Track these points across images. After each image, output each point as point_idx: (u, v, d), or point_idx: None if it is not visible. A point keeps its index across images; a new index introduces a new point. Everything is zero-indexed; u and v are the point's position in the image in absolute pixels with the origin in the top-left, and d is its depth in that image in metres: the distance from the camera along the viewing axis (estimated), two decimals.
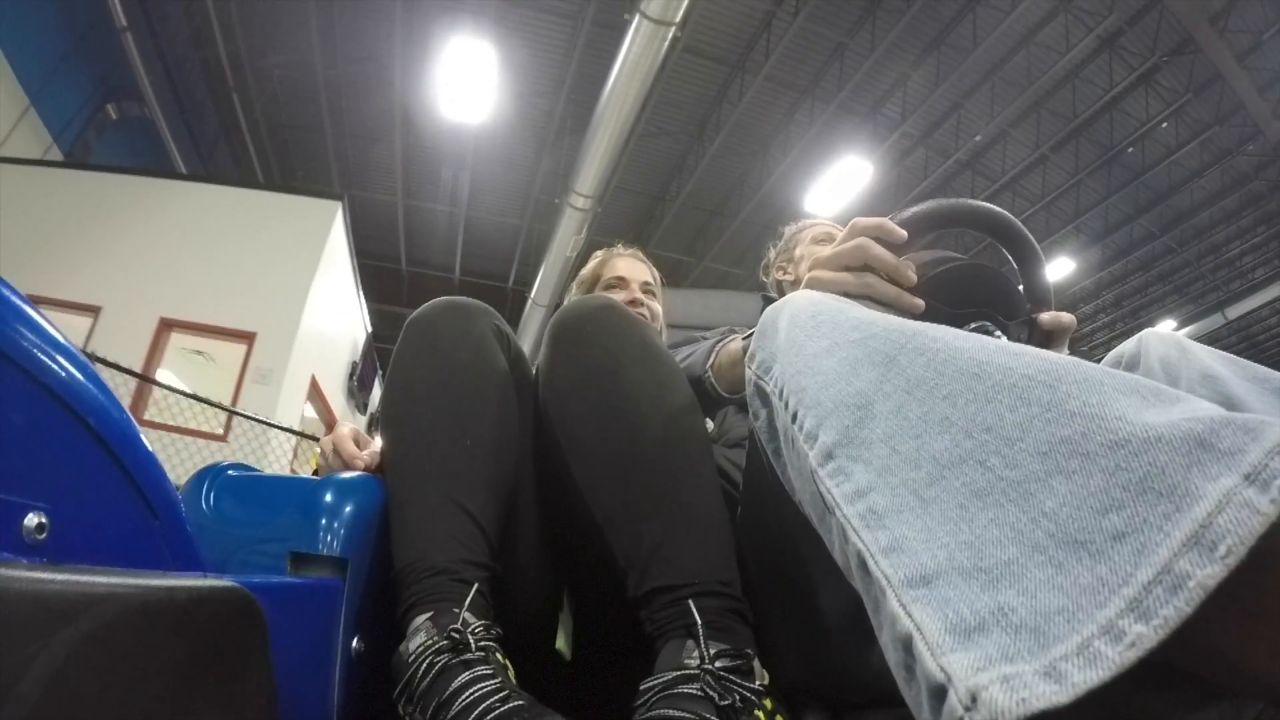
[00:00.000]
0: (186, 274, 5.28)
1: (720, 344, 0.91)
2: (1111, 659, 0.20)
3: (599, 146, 5.33)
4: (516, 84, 5.78)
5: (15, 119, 4.87)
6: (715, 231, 8.47)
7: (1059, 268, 7.94)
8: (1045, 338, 0.60)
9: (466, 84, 5.37)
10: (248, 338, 5.31)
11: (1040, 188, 7.10)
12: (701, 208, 8.04)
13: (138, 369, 4.59)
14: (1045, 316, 0.59)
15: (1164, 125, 6.10)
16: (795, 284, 1.27)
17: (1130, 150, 6.52)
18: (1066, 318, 0.59)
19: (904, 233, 0.54)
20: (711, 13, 4.74)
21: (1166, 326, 8.00)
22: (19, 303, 0.34)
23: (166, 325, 5.19)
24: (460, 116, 5.89)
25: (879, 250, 0.53)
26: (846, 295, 0.53)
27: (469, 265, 9.22)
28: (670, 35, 4.41)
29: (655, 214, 8.16)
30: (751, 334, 0.84)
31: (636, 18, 4.34)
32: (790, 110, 6.78)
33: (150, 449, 0.40)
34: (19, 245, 4.85)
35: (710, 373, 0.89)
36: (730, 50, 5.79)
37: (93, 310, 5.12)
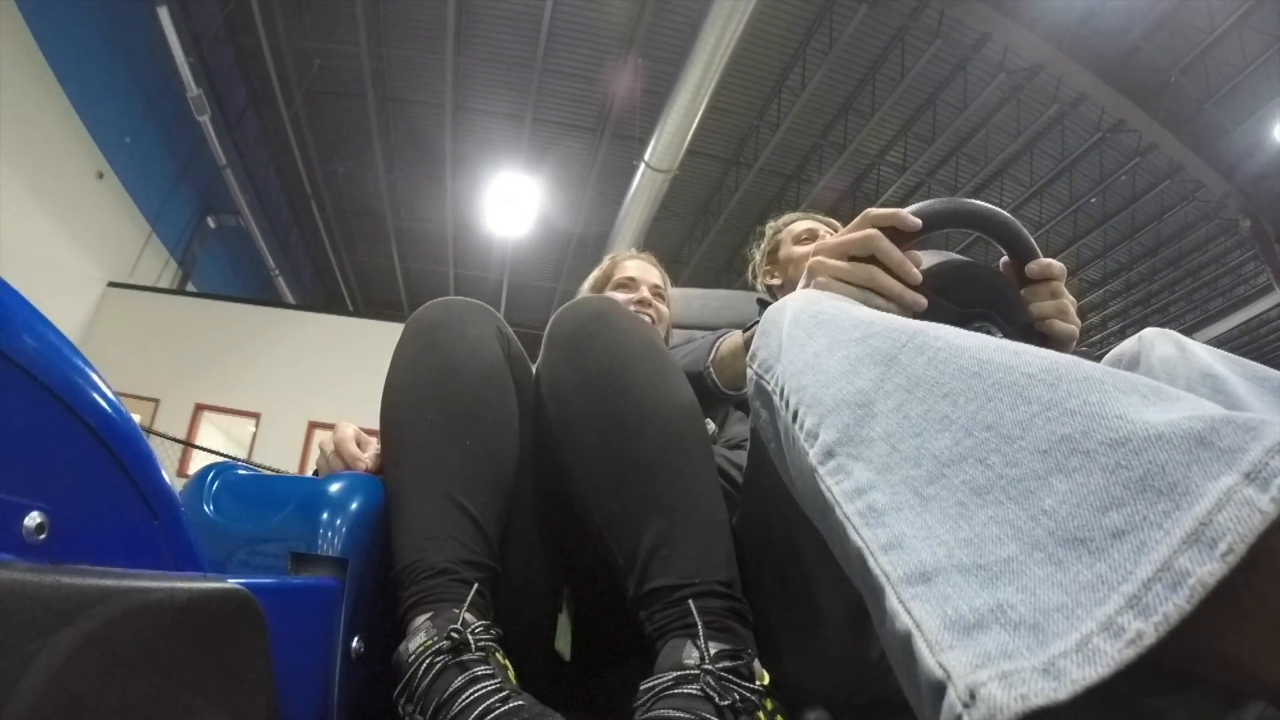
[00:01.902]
0: (326, 385, 6.25)
1: (720, 339, 0.91)
2: (1110, 656, 0.20)
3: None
4: (549, 183, 6.77)
5: (142, 245, 6.02)
6: (724, 286, 9.66)
7: None
8: (1043, 341, 0.59)
9: (509, 211, 6.56)
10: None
11: None
12: (710, 268, 8.99)
13: (296, 463, 5.83)
14: (1034, 265, 0.57)
15: (1123, 178, 6.61)
16: (784, 287, 1.27)
17: (1093, 200, 7.01)
18: (1058, 267, 0.58)
19: (918, 221, 0.54)
20: (708, 127, 5.44)
21: None
22: (19, 304, 0.34)
23: (314, 426, 6.23)
24: (505, 231, 7.16)
25: (887, 244, 0.52)
26: (848, 285, 0.52)
27: (510, 317, 10.32)
28: (671, 177, 5.47)
29: (668, 273, 9.12)
30: (752, 326, 0.84)
31: (641, 166, 5.46)
32: (780, 192, 7.61)
33: (150, 449, 0.40)
34: (189, 362, 6.01)
35: (711, 368, 0.89)
36: (726, 150, 6.81)
37: (254, 415, 6.14)
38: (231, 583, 0.39)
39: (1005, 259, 0.60)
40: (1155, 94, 5.66)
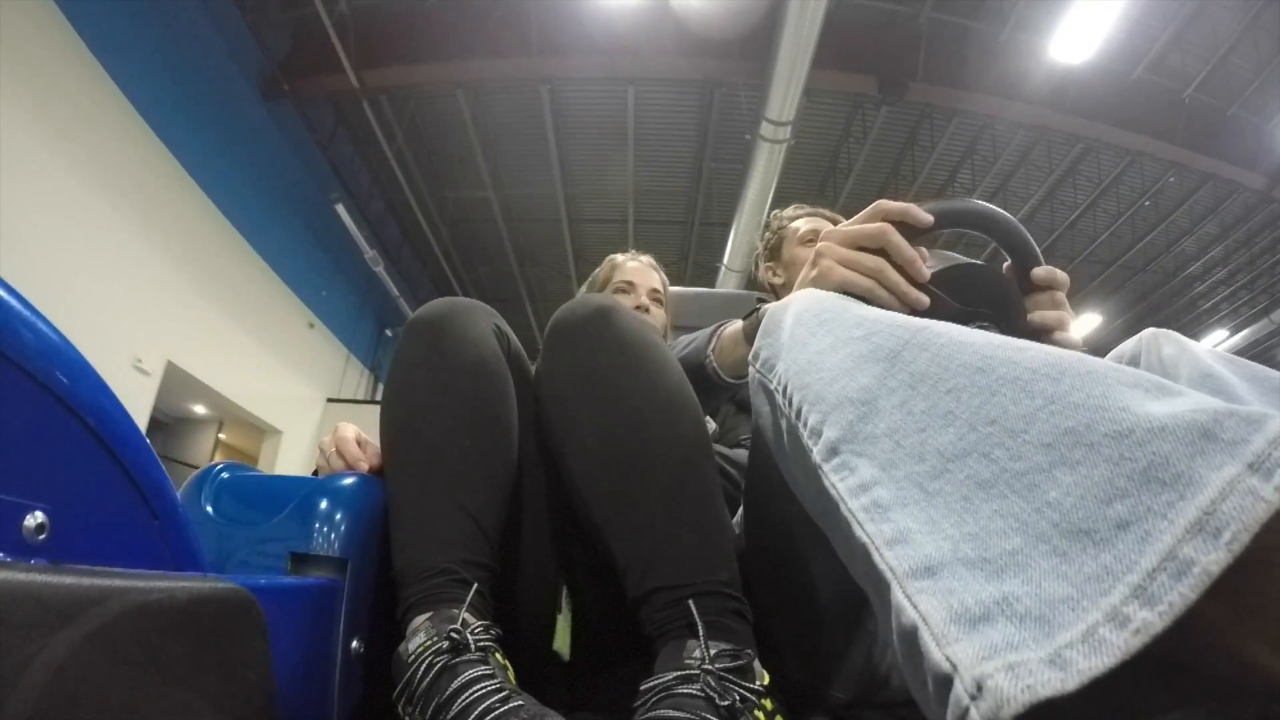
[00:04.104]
0: None
1: (721, 327, 0.91)
2: (1116, 645, 0.20)
3: None
4: (653, 248, 7.93)
5: (344, 365, 7.79)
6: None
7: (1087, 322, 8.63)
8: (1042, 338, 0.59)
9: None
10: None
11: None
12: None
13: None
14: (1039, 271, 0.57)
15: (1171, 180, 6.81)
16: (786, 287, 1.27)
17: (1147, 204, 7.25)
18: (1061, 276, 0.59)
19: (930, 218, 0.53)
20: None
21: (1219, 335, 8.65)
22: (19, 304, 0.34)
23: None
24: None
25: (898, 239, 0.52)
26: (854, 276, 0.52)
27: None
28: (747, 273, 6.32)
29: None
30: (751, 313, 0.84)
31: (722, 269, 6.41)
32: None
33: (150, 448, 0.40)
34: None
35: (713, 356, 0.89)
36: None
37: None
38: (231, 583, 0.39)
39: (1008, 264, 0.60)
40: (1171, 117, 5.90)
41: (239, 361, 5.88)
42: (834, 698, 0.66)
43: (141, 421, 5.05)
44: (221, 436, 7.36)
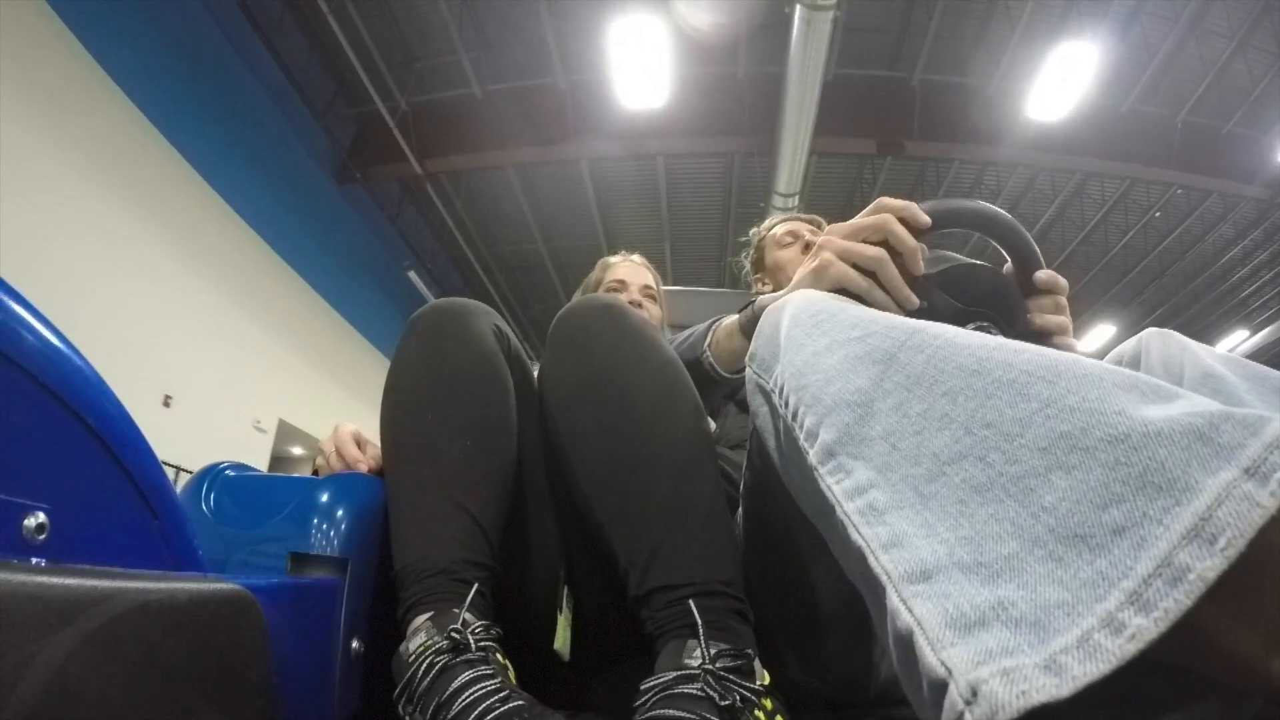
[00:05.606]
0: None
1: (716, 322, 0.91)
2: (1111, 651, 0.20)
3: None
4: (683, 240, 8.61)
5: None
6: None
7: (1100, 334, 8.68)
8: (1044, 341, 0.59)
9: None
10: None
11: None
12: None
13: None
14: (1041, 274, 0.57)
15: (1179, 192, 6.93)
16: (774, 293, 1.27)
17: (1157, 215, 7.38)
18: (1061, 282, 0.58)
19: (928, 219, 0.53)
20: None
21: (1239, 336, 8.67)
22: (19, 304, 0.34)
23: None
24: None
25: (900, 229, 0.52)
26: (853, 274, 0.52)
27: None
28: None
29: None
30: (746, 307, 0.83)
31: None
32: None
33: (150, 449, 0.40)
34: None
35: (709, 351, 0.89)
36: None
37: None
38: (231, 583, 0.39)
39: (1008, 265, 0.60)
40: (1163, 142, 6.05)
41: (330, 408, 7.26)
42: (834, 697, 0.66)
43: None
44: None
